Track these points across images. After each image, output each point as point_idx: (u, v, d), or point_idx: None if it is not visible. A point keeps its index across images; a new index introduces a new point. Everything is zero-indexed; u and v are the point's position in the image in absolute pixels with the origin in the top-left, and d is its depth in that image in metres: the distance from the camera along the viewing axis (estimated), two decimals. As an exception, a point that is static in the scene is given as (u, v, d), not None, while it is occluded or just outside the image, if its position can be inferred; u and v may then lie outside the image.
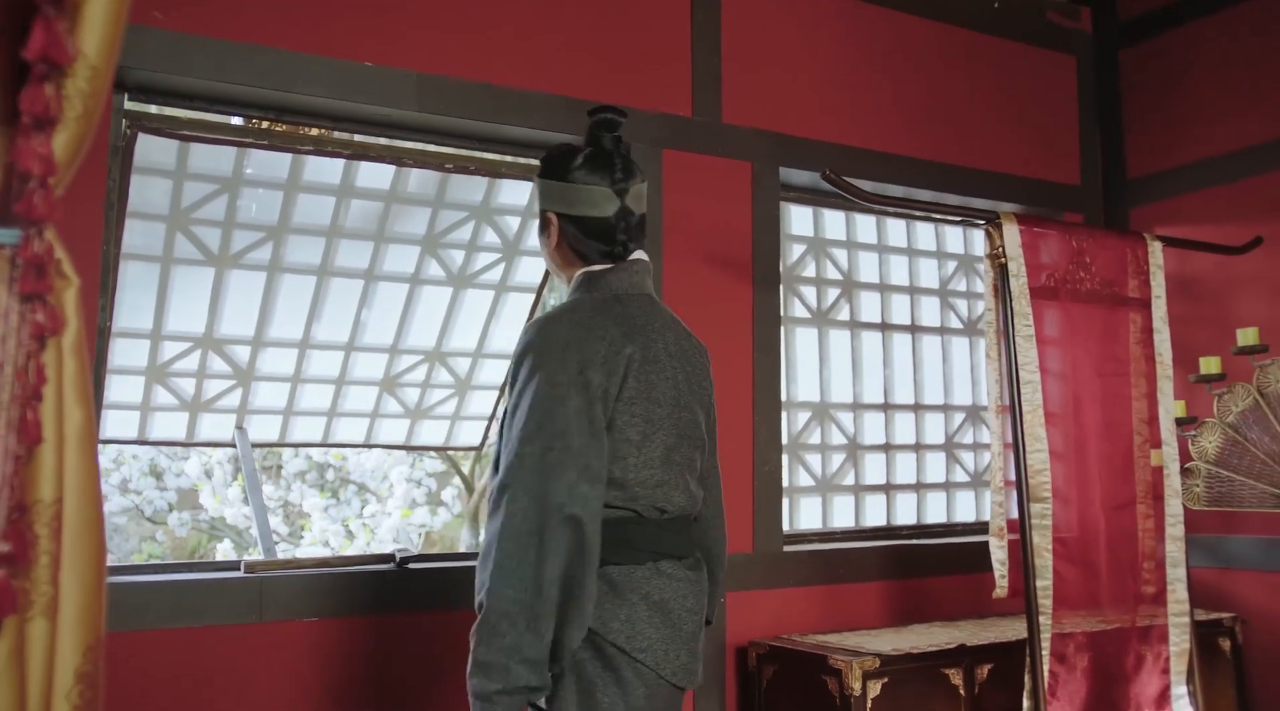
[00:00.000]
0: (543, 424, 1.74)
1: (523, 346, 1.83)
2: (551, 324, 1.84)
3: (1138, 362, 3.21)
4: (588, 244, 1.94)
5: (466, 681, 1.72)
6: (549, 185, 1.97)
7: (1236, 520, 3.69)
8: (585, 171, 1.95)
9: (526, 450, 1.73)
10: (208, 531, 6.20)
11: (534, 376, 1.78)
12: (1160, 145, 4.09)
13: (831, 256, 3.79)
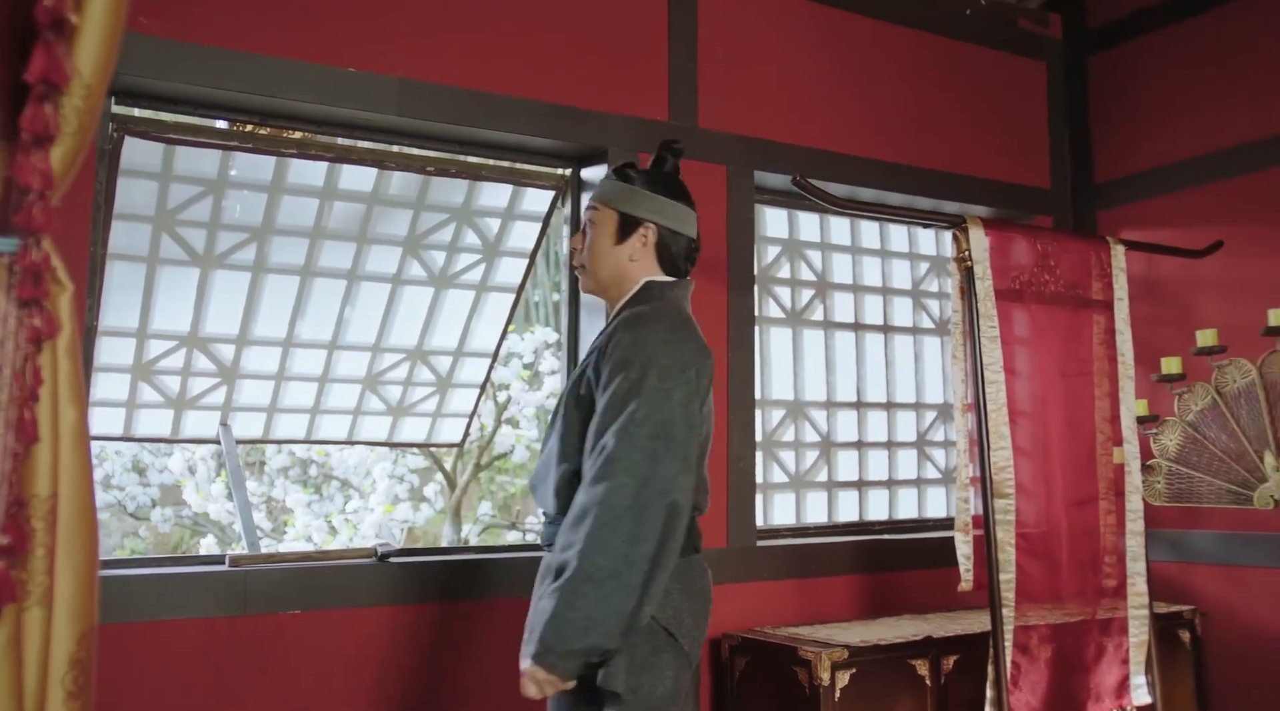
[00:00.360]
0: (651, 413, 1.91)
1: (631, 340, 2.01)
2: (655, 324, 2.04)
3: (1101, 362, 3.30)
4: (672, 257, 2.19)
5: (536, 631, 1.88)
6: (651, 197, 2.19)
7: (1198, 515, 3.80)
8: (675, 192, 2.23)
9: (638, 432, 1.89)
10: (191, 527, 6.25)
11: (645, 369, 1.96)
12: (1127, 150, 4.19)
13: (806, 258, 3.87)
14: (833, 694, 2.88)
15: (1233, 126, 3.83)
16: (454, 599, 2.97)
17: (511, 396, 5.88)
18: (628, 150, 3.31)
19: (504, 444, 5.99)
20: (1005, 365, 3.06)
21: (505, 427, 5.99)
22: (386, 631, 2.87)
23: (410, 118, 3.01)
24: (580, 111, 3.26)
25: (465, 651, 2.96)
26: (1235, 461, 3.30)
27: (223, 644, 2.67)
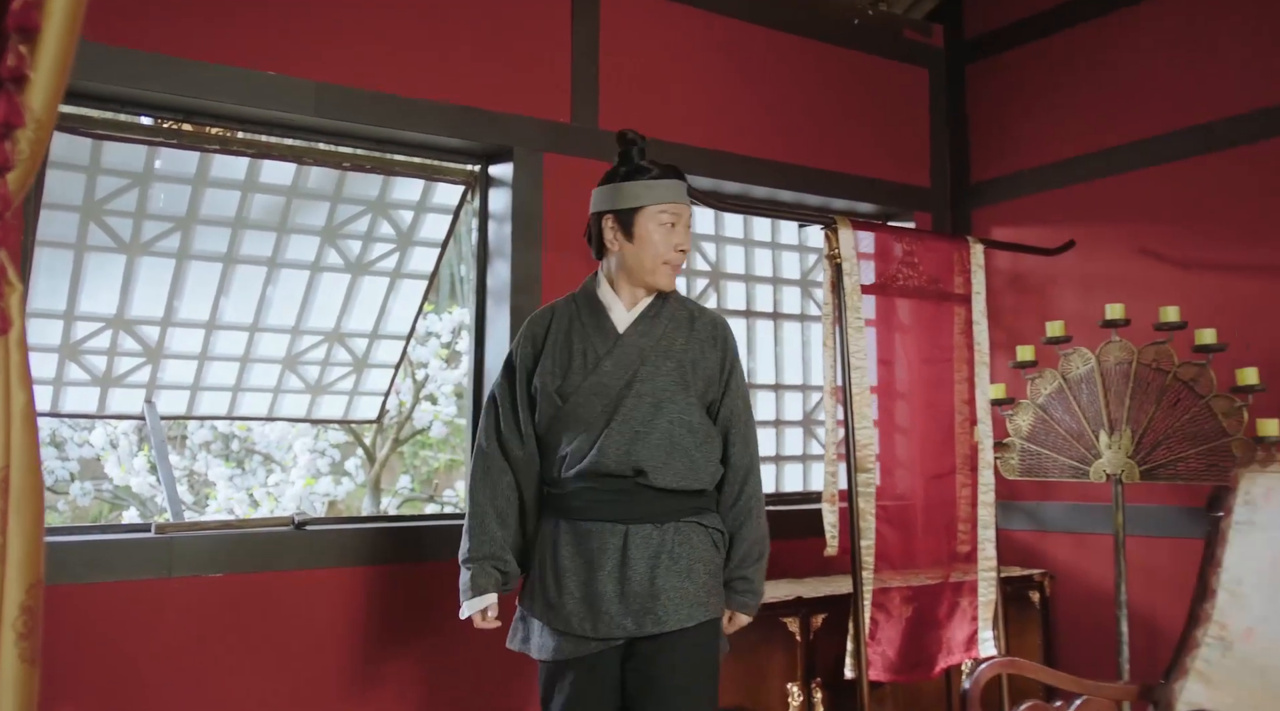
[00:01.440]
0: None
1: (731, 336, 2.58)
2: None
3: (960, 350, 3.66)
4: None
5: (750, 597, 2.50)
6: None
7: (1050, 488, 4.20)
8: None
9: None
10: (110, 500, 6.37)
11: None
12: (999, 152, 4.55)
13: (700, 249, 4.17)
14: (710, 647, 3.20)
15: (1089, 134, 4.20)
16: (366, 563, 3.23)
17: (429, 374, 6.10)
18: (532, 149, 3.57)
19: (423, 420, 6.22)
20: (870, 353, 3.40)
21: (425, 404, 6.21)
22: (303, 592, 3.12)
23: (328, 118, 3.24)
24: (488, 113, 3.51)
25: (375, 611, 3.23)
26: (1076, 440, 3.68)
27: (150, 604, 2.91)
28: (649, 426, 2.37)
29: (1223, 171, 3.77)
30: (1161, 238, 3.94)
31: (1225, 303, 3.70)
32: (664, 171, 2.52)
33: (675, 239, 2.48)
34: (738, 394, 2.52)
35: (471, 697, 3.36)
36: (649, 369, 2.41)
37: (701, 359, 2.47)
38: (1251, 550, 2.58)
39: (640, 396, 2.38)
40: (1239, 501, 2.66)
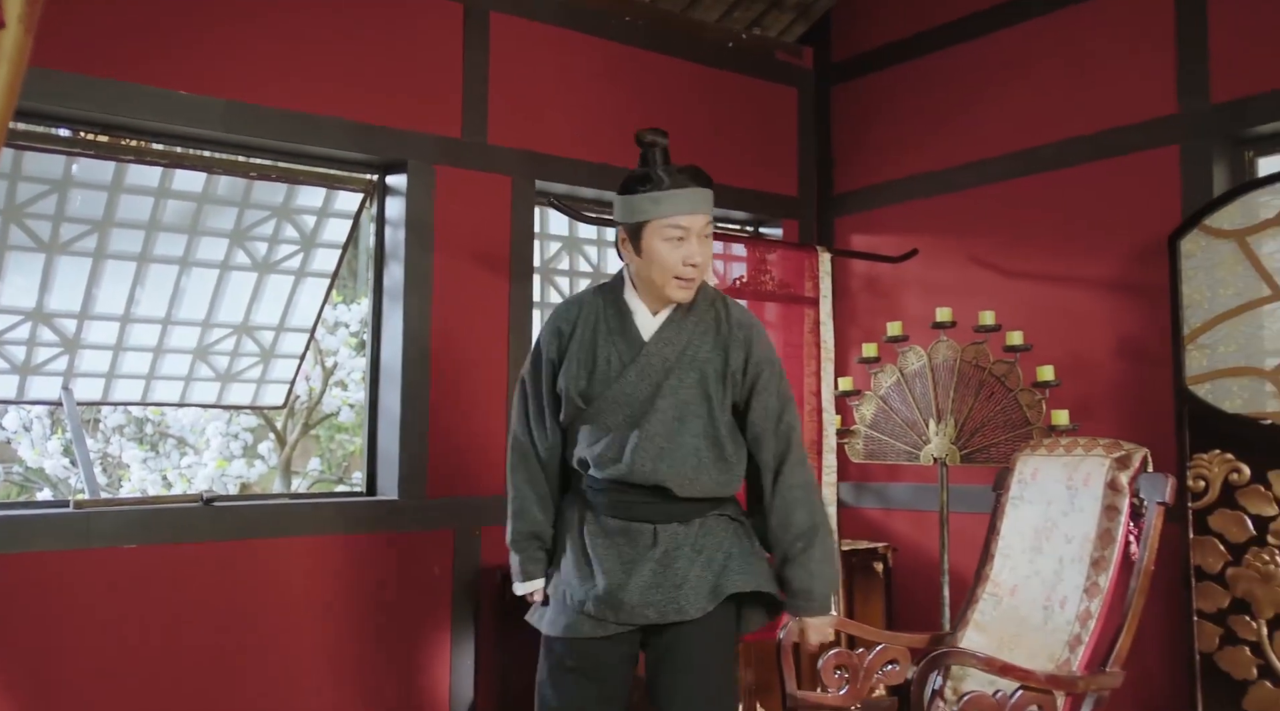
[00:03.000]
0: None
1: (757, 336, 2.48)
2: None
3: (809, 348, 4.12)
4: None
5: (802, 600, 2.39)
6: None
7: (897, 471, 4.69)
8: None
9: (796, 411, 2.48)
10: (21, 483, 6.56)
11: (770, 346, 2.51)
12: (859, 167, 5.02)
13: (584, 252, 4.57)
14: (578, 609, 3.61)
15: (934, 154, 4.69)
16: (268, 536, 3.58)
17: (339, 362, 6.42)
18: (425, 162, 3.94)
19: (332, 405, 6.54)
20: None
21: (335, 390, 6.52)
22: (211, 561, 3.47)
23: (235, 133, 3.57)
24: (385, 129, 3.87)
25: (279, 580, 3.59)
26: (910, 428, 4.16)
27: (69, 573, 3.23)
28: (674, 442, 2.33)
29: (1038, 192, 4.28)
30: (988, 249, 4.44)
31: (1033, 308, 4.22)
32: (676, 181, 2.37)
33: (684, 253, 2.35)
34: (767, 393, 2.41)
35: (375, 653, 3.74)
36: (673, 381, 2.35)
37: (727, 365, 2.39)
38: (1020, 521, 3.06)
39: (664, 410, 2.34)
40: (1014, 479, 3.15)
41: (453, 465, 3.96)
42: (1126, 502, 2.83)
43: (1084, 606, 2.81)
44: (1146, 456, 2.89)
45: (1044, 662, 2.79)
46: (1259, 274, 3.45)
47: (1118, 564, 2.81)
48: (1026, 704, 2.57)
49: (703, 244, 2.40)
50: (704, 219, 2.41)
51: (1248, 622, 3.36)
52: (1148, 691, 3.84)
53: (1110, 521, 2.85)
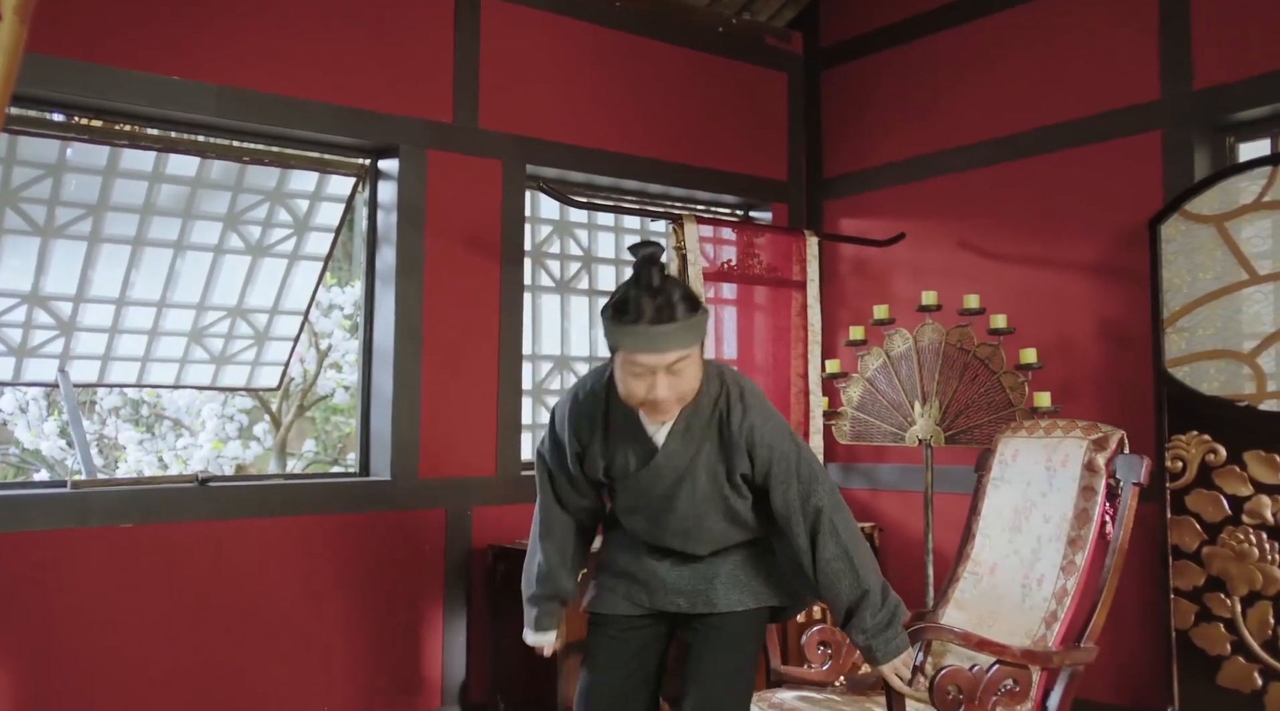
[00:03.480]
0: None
1: (783, 430, 2.38)
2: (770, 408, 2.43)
3: (796, 331, 4.18)
4: None
5: (883, 642, 2.35)
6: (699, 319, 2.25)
7: (884, 452, 4.76)
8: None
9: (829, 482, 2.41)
10: (17, 464, 6.62)
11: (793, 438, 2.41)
12: (848, 152, 5.06)
13: (575, 236, 4.62)
14: (568, 587, 3.68)
15: (922, 138, 4.73)
16: (263, 516, 3.64)
17: (333, 344, 6.47)
18: (417, 147, 3.98)
19: (327, 387, 6.59)
20: (715, 331, 3.90)
21: (330, 372, 6.57)
22: (206, 540, 3.53)
23: (228, 118, 3.61)
24: (376, 114, 3.91)
25: (272, 558, 3.65)
26: (896, 409, 4.22)
27: (66, 551, 3.29)
28: (699, 526, 2.40)
29: (1023, 177, 4.33)
30: (974, 233, 4.49)
31: (1018, 291, 4.28)
32: (649, 314, 2.15)
33: (645, 386, 2.20)
34: (785, 485, 2.34)
35: (367, 631, 3.81)
36: (688, 485, 2.35)
37: (737, 463, 2.34)
38: (1000, 501, 3.12)
39: (683, 506, 2.37)
40: (995, 461, 3.21)
41: (444, 446, 4.02)
42: (1103, 483, 2.89)
43: (1060, 584, 2.87)
44: (1123, 438, 2.94)
45: (1021, 638, 2.85)
46: (1237, 258, 3.51)
47: (1093, 543, 2.87)
48: (1002, 678, 2.63)
49: (673, 377, 2.21)
50: (672, 357, 2.18)
51: (1222, 600, 3.43)
52: (1125, 667, 3.92)
53: (1087, 501, 2.90)
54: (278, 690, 3.64)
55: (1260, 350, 3.45)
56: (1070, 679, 2.77)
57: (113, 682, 3.35)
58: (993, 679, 2.61)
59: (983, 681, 2.60)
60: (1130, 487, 2.84)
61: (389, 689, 3.86)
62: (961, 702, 2.58)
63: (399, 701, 3.88)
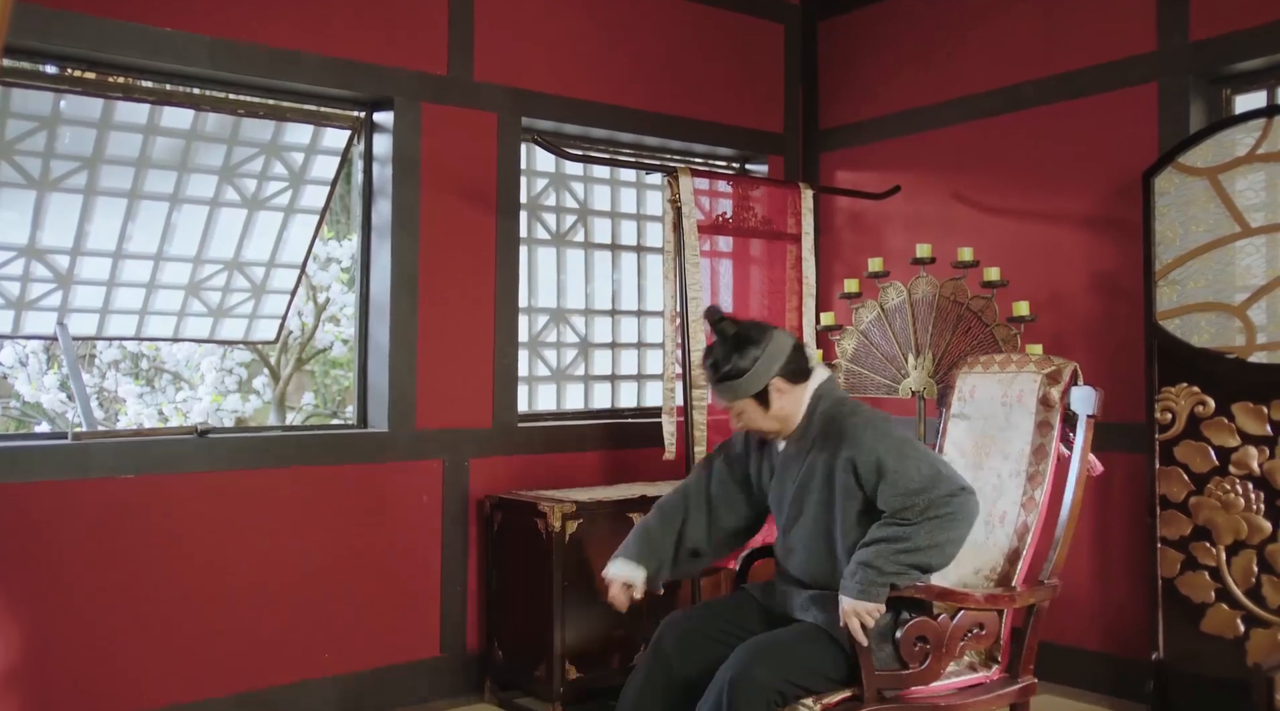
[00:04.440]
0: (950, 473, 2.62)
1: (896, 439, 2.61)
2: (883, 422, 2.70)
3: (791, 283, 4.19)
4: (797, 372, 2.71)
5: (874, 587, 2.50)
6: (763, 366, 2.64)
7: (877, 405, 4.75)
8: (755, 342, 2.69)
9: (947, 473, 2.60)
10: (18, 418, 6.66)
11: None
12: (845, 104, 5.05)
13: (570, 188, 4.62)
14: (563, 537, 3.74)
15: (919, 90, 4.72)
16: (261, 467, 3.69)
17: (331, 297, 6.48)
18: (411, 99, 3.97)
19: (325, 340, 6.61)
20: (711, 285, 3.91)
21: (328, 325, 6.59)
22: (206, 491, 3.57)
23: (222, 70, 3.60)
24: (371, 66, 3.89)
25: (268, 509, 3.70)
26: (889, 362, 4.25)
27: (67, 502, 3.33)
28: (810, 549, 2.70)
29: (1019, 129, 4.33)
30: (969, 185, 4.50)
31: (1011, 244, 4.29)
32: (713, 373, 2.66)
33: (739, 424, 2.73)
34: (891, 488, 2.54)
35: (366, 581, 3.87)
36: (809, 503, 2.69)
37: (849, 483, 2.60)
38: (960, 437, 3.14)
39: (804, 529, 2.70)
40: (955, 397, 3.23)
41: (441, 398, 4.06)
42: (1058, 418, 2.90)
43: (1021, 520, 2.90)
44: (1076, 370, 2.93)
45: (986, 576, 2.90)
46: (1229, 211, 3.52)
47: (1051, 478, 2.88)
48: (969, 625, 2.66)
49: (745, 417, 2.69)
50: (745, 402, 2.67)
51: (1208, 549, 3.48)
52: (1111, 615, 3.99)
53: (1043, 436, 2.91)
54: (276, 639, 3.70)
55: (1251, 302, 3.47)
56: (1037, 615, 2.82)
57: (113, 630, 3.41)
58: (958, 625, 2.64)
59: (948, 629, 2.63)
60: (1085, 420, 2.85)
61: (387, 637, 3.93)
62: (929, 653, 2.61)
63: (397, 650, 3.95)
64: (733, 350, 2.63)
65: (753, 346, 2.63)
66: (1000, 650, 2.84)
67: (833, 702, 2.56)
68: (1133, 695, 3.81)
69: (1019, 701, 2.85)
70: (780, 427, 2.71)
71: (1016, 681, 2.83)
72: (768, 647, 2.56)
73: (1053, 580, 2.83)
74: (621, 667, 3.88)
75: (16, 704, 3.23)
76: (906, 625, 2.59)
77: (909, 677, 2.62)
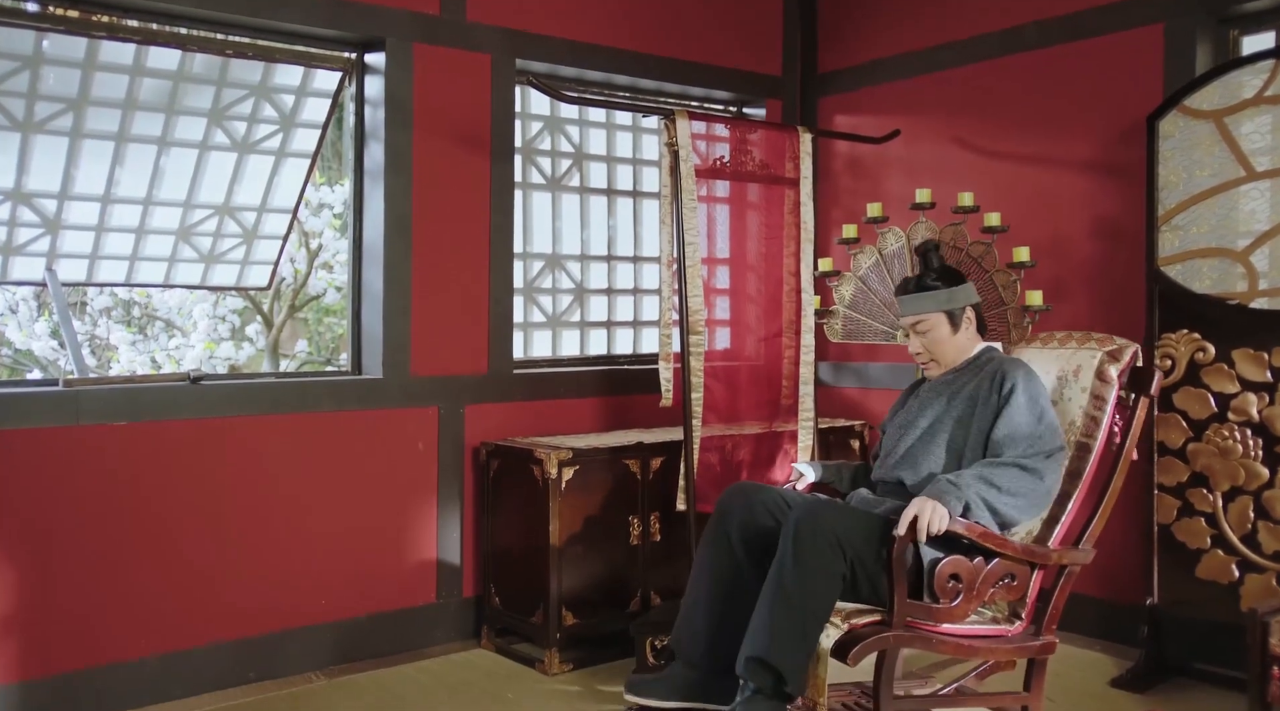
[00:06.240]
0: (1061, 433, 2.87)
1: (1039, 385, 2.90)
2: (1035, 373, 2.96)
3: (789, 228, 4.14)
4: (982, 319, 3.14)
5: (949, 495, 2.65)
6: (960, 289, 3.04)
7: (876, 351, 4.77)
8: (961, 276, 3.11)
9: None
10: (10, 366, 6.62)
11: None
12: (843, 46, 4.96)
13: (566, 132, 4.55)
14: (560, 485, 3.72)
15: (919, 32, 4.64)
16: (255, 413, 3.66)
17: (323, 243, 6.42)
18: (403, 40, 3.89)
19: (318, 287, 6.56)
20: (707, 230, 3.86)
21: (321, 272, 6.54)
22: (198, 437, 3.55)
23: (209, 9, 3.52)
24: (361, 5, 3.81)
25: (262, 456, 3.68)
26: (888, 308, 4.21)
27: (59, 449, 3.31)
28: (937, 454, 2.94)
29: (1020, 72, 4.26)
30: (970, 129, 4.43)
31: (1012, 189, 4.24)
32: (904, 287, 3.05)
33: (911, 346, 3.07)
34: (1005, 422, 2.82)
35: (361, 528, 3.86)
36: (948, 418, 2.96)
37: (992, 401, 2.89)
38: None
39: (934, 443, 2.96)
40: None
41: (436, 344, 4.03)
42: (1114, 393, 2.92)
43: (1064, 488, 2.92)
44: (1137, 351, 2.97)
45: (1022, 537, 2.91)
46: (1235, 155, 3.47)
47: (1099, 450, 2.91)
48: (1002, 572, 2.71)
49: (918, 338, 3.05)
50: (912, 319, 3.04)
51: (1204, 495, 3.48)
52: (1106, 561, 3.99)
53: (1097, 410, 2.93)
54: (271, 586, 3.70)
55: (1254, 248, 3.43)
56: (1066, 578, 2.85)
57: (105, 577, 3.40)
58: (992, 571, 2.69)
59: (982, 572, 2.67)
60: (1142, 400, 2.88)
61: (384, 584, 3.93)
62: (960, 592, 2.65)
63: (395, 596, 3.96)
64: (944, 272, 3.03)
65: (958, 276, 3.06)
66: (1025, 607, 2.87)
67: (860, 624, 2.64)
68: (1126, 639, 3.84)
69: (1038, 657, 2.89)
70: (952, 359, 3.03)
71: (1039, 637, 2.86)
72: (835, 505, 2.79)
73: (1087, 546, 2.85)
74: (618, 614, 3.89)
75: (7, 651, 3.23)
76: (944, 560, 2.64)
77: (937, 612, 2.68)
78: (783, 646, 2.54)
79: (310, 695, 3.56)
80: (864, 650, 2.55)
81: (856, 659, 2.54)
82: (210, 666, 3.56)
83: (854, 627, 2.62)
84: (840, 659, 2.55)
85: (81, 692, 3.33)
